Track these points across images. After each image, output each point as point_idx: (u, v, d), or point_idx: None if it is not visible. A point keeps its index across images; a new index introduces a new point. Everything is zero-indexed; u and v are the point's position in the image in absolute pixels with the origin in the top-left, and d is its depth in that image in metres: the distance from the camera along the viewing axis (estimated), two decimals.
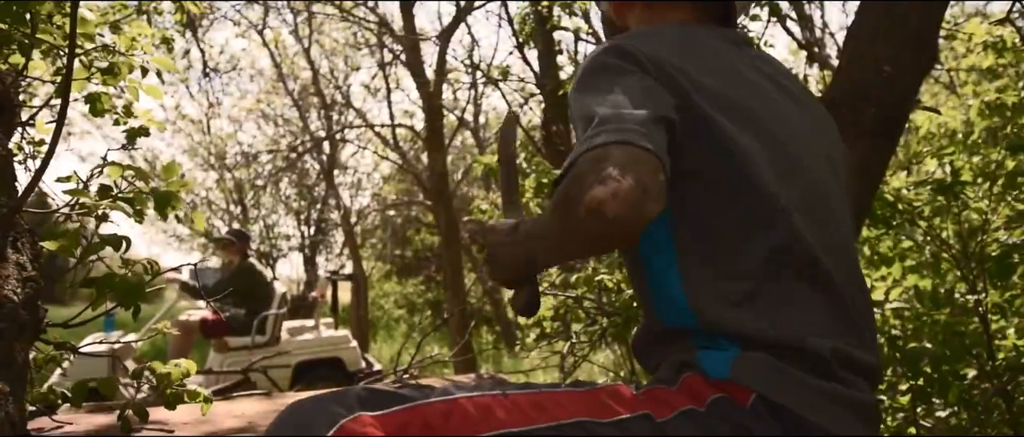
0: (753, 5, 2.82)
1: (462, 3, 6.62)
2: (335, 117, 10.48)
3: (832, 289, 0.85)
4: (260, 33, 9.40)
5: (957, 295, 2.56)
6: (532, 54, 4.66)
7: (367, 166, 12.53)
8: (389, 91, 8.70)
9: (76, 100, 2.15)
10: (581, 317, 2.55)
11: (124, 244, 1.30)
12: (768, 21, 2.53)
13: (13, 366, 1.09)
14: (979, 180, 2.47)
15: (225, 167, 12.22)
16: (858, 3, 1.72)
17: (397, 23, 7.90)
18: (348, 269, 12.22)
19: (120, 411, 1.29)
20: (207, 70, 7.68)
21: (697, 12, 1.04)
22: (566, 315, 2.63)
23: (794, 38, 3.63)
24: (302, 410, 0.77)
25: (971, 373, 2.26)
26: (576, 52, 4.39)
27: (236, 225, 12.70)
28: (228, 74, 10.87)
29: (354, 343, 5.39)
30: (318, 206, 12.83)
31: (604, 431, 0.77)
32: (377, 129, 8.93)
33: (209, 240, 13.05)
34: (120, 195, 1.38)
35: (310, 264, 12.94)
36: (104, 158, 1.73)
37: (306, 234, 13.00)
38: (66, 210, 1.47)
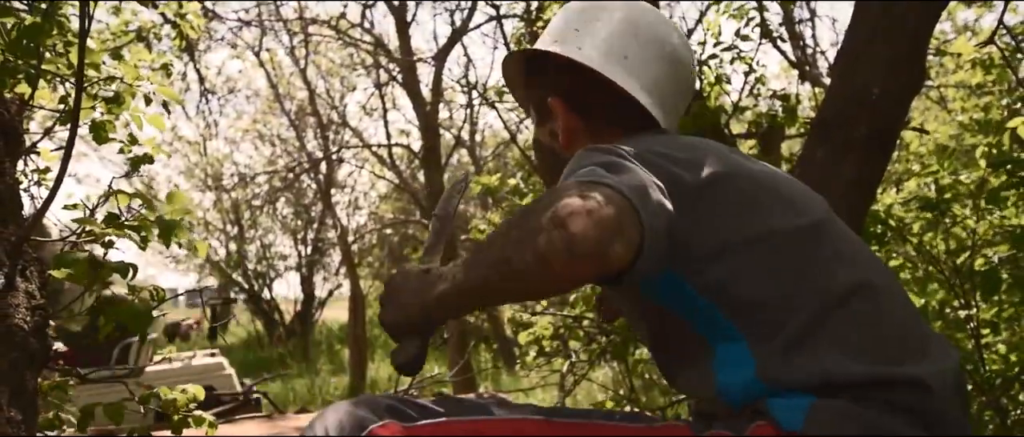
0: (743, 25, 2.87)
1: (457, 25, 6.70)
2: (332, 137, 10.53)
3: (880, 309, 0.83)
4: (257, 55, 9.47)
5: (948, 311, 2.59)
6: None
7: (364, 185, 12.57)
8: (385, 111, 8.76)
9: (79, 127, 2.17)
10: (579, 336, 2.58)
11: (132, 271, 1.32)
12: (760, 41, 2.58)
13: (24, 394, 1.11)
14: (966, 197, 2.51)
15: (222, 188, 12.24)
16: (848, 23, 1.77)
17: (393, 43, 7.98)
18: (346, 287, 12.21)
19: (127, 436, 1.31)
20: (205, 92, 7.72)
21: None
22: (564, 334, 2.65)
23: (785, 57, 3.69)
24: (335, 415, 0.80)
25: None
26: None
27: (233, 246, 12.69)
28: (226, 97, 10.93)
29: (229, 370, 5.14)
30: (315, 226, 12.85)
31: None
32: (374, 148, 8.97)
33: (206, 262, 13.04)
34: (127, 223, 1.41)
35: (307, 284, 12.91)
36: (110, 186, 1.76)
37: (303, 254, 12.99)
38: (73, 238, 1.50)
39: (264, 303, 12.38)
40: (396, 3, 6.90)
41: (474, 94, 7.91)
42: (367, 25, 7.93)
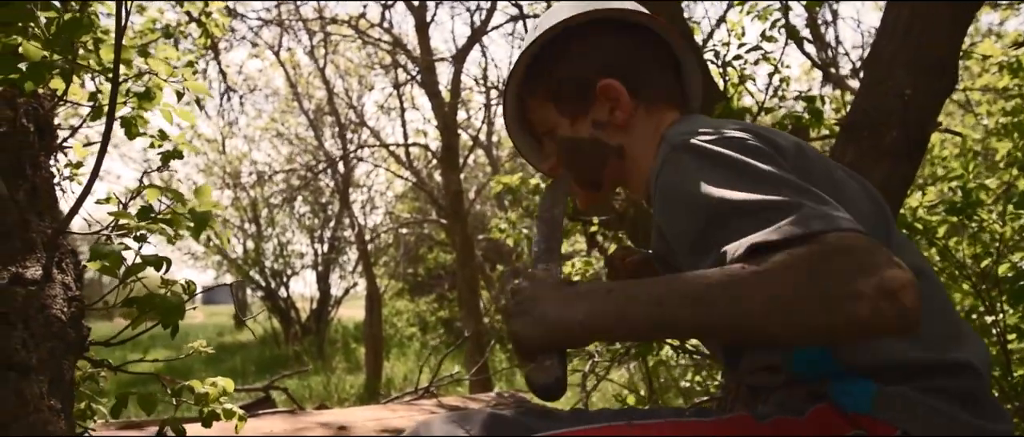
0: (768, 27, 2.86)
1: (476, 25, 6.72)
2: (349, 136, 10.58)
3: (933, 296, 0.84)
4: (276, 54, 9.53)
5: (974, 316, 2.57)
6: None
7: (381, 184, 12.62)
8: (403, 110, 8.79)
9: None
10: None
11: (165, 265, 1.34)
12: (785, 43, 2.56)
13: (62, 384, 1.12)
14: (992, 201, 2.49)
15: (240, 186, 12.34)
16: (878, 25, 1.76)
17: (410, 43, 8.01)
18: (361, 286, 12.25)
19: (160, 428, 1.33)
20: (228, 91, 7.79)
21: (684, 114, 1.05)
22: None
23: (809, 58, 3.66)
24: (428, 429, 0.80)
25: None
26: None
27: (250, 243, 12.79)
28: (246, 95, 11.01)
29: None
30: (331, 224, 12.91)
31: None
32: (392, 148, 9.01)
33: (224, 258, 13.14)
34: (159, 217, 1.43)
35: (323, 282, 12.98)
36: (140, 181, 1.78)
37: (319, 252, 13.06)
38: (106, 231, 1.52)
39: (281, 301, 12.46)
40: (416, 3, 6.93)
41: (492, 93, 7.93)
42: (386, 25, 7.96)
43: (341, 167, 9.99)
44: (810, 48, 4.01)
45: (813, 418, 0.78)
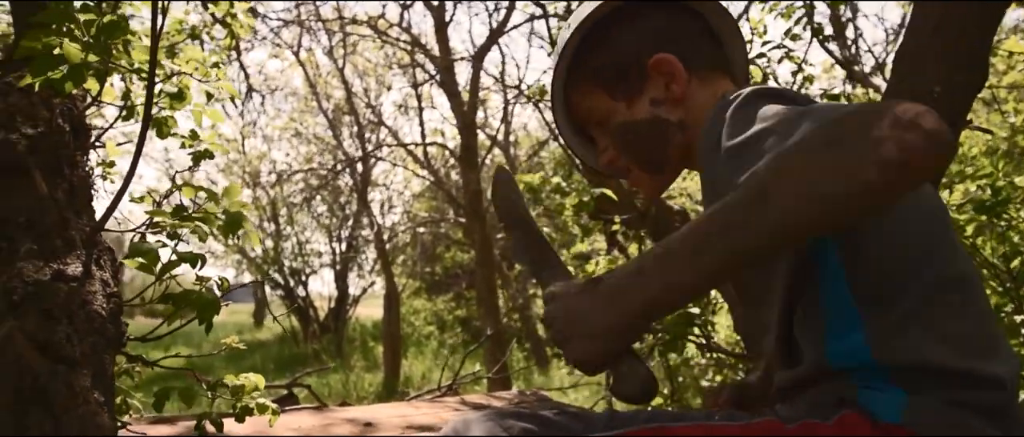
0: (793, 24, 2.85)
1: (495, 25, 6.73)
2: (367, 135, 10.64)
3: (976, 303, 0.83)
4: (296, 54, 9.61)
5: (1002, 315, 2.54)
6: None
7: (399, 184, 12.68)
8: (421, 110, 8.83)
9: (138, 122, 2.23)
10: None
11: (200, 261, 1.36)
12: (810, 41, 2.55)
13: (104, 378, 1.15)
14: (1020, 200, 2.46)
15: (259, 185, 12.45)
16: (899, 22, 1.74)
17: (428, 41, 8.05)
18: (379, 285, 12.32)
19: (198, 421, 1.35)
20: (250, 90, 7.87)
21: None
22: None
23: (833, 56, 3.64)
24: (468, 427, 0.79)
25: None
26: None
27: (269, 242, 12.89)
28: (268, 95, 11.11)
29: None
30: (350, 223, 12.99)
31: None
32: (410, 147, 9.05)
33: (243, 257, 13.26)
34: (194, 215, 1.45)
35: (341, 281, 13.07)
36: (173, 180, 1.81)
37: (338, 251, 13.15)
38: (141, 229, 1.55)
39: (299, 299, 12.56)
40: (435, 3, 6.96)
41: (510, 93, 7.94)
42: (405, 25, 8.00)
43: (359, 167, 10.05)
44: (831, 46, 3.98)
45: (840, 423, 0.77)
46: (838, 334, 0.81)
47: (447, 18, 7.08)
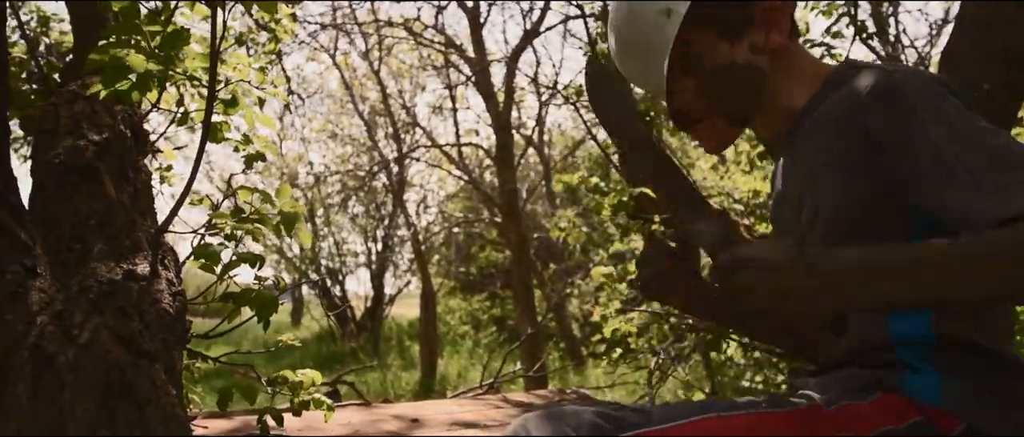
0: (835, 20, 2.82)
1: (529, 26, 6.76)
2: (403, 137, 10.74)
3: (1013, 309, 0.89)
4: (332, 56, 9.75)
5: None
6: None
7: (434, 184, 12.77)
8: (455, 111, 8.89)
9: (192, 127, 2.31)
10: (666, 334, 2.58)
11: (259, 262, 1.42)
12: (853, 39, 2.53)
13: (174, 373, 1.20)
14: None
15: (297, 187, 12.64)
16: (955, 23, 1.73)
17: (462, 42, 8.10)
18: (414, 285, 12.43)
19: (259, 417, 1.40)
20: (292, 93, 8.01)
21: None
22: (649, 330, 2.66)
23: (875, 52, 3.59)
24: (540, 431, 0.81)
25: None
26: None
27: (307, 243, 13.06)
28: (306, 98, 11.29)
29: None
30: (386, 223, 13.12)
31: None
32: (445, 148, 9.12)
33: (281, 256, 13.47)
34: (251, 217, 1.50)
35: (377, 280, 13.20)
36: (228, 183, 1.87)
37: (373, 251, 13.29)
38: (201, 231, 1.61)
39: (337, 299, 12.72)
40: (470, 4, 7.01)
41: (545, 93, 7.96)
42: (439, 27, 8.07)
43: (395, 167, 10.15)
44: (873, 42, 3.93)
45: (878, 404, 0.80)
46: (902, 318, 0.83)
47: (482, 19, 7.13)
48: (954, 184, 0.74)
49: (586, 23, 3.33)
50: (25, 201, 1.33)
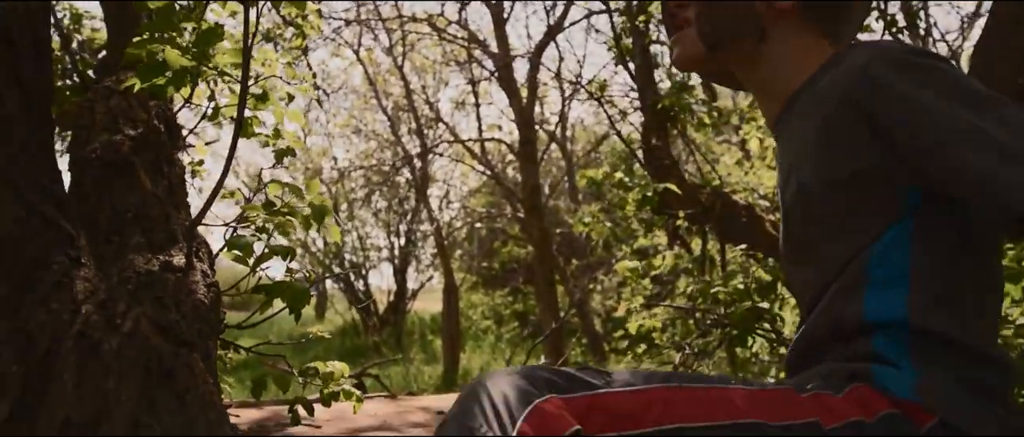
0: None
1: (552, 22, 6.76)
2: (425, 132, 10.79)
3: (998, 311, 0.88)
4: (356, 52, 9.81)
5: None
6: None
7: (457, 179, 12.80)
8: (478, 105, 8.91)
9: (221, 122, 2.34)
10: (692, 329, 2.58)
11: (291, 255, 1.44)
12: (883, 31, 2.50)
13: (210, 361, 1.23)
14: None
15: (321, 181, 12.74)
16: (987, 18, 1.71)
17: (485, 37, 8.11)
18: (436, 279, 12.48)
19: (290, 405, 1.42)
20: (317, 88, 8.08)
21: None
22: (674, 326, 2.65)
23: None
24: (498, 387, 0.77)
25: None
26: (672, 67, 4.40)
27: (331, 237, 13.17)
28: (331, 93, 11.37)
29: None
30: (408, 218, 13.19)
31: (773, 432, 0.77)
32: (468, 143, 9.15)
33: (305, 251, 13.60)
34: (282, 210, 1.53)
35: (400, 275, 13.28)
36: (259, 178, 1.90)
37: (396, 245, 13.36)
38: (233, 224, 1.64)
39: (360, 293, 12.82)
40: (493, 0, 7.02)
41: (568, 89, 7.95)
42: (462, 22, 8.09)
43: (417, 162, 10.20)
44: (903, 37, 3.87)
45: (851, 396, 0.80)
46: (881, 292, 0.83)
47: (505, 15, 7.14)
48: (979, 150, 0.75)
49: (611, 18, 3.32)
50: None
